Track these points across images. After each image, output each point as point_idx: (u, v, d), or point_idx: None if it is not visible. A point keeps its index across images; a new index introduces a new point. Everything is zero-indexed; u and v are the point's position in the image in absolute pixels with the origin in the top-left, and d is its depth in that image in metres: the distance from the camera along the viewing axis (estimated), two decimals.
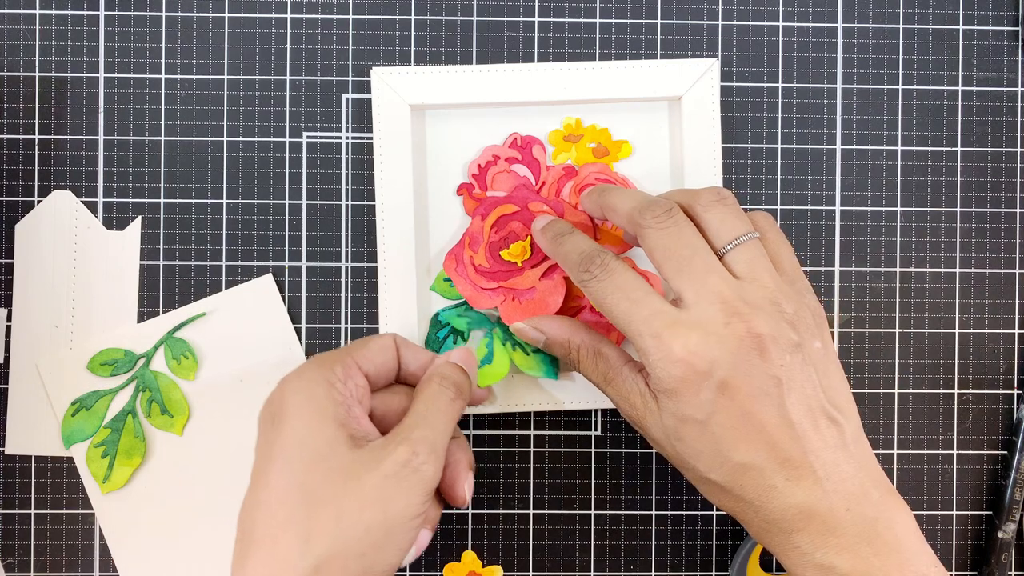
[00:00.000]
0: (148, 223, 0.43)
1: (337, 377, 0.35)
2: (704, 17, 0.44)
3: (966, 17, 0.45)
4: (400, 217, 0.42)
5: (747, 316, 0.33)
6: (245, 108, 0.44)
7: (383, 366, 0.37)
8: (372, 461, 0.33)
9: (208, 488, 0.43)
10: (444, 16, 0.44)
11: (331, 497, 0.32)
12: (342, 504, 0.32)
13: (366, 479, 0.32)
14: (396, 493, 0.32)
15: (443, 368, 0.37)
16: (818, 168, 0.44)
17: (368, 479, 0.32)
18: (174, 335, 0.43)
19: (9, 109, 0.43)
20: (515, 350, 0.42)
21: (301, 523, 0.32)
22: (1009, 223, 0.45)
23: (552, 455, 0.44)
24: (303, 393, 0.34)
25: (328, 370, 0.35)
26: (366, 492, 0.32)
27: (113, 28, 0.43)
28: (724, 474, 0.33)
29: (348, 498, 0.32)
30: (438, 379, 0.37)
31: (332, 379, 0.35)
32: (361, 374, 0.36)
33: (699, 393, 0.33)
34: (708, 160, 0.42)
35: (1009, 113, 0.45)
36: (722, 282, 0.34)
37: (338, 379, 0.35)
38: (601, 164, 0.43)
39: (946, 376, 0.44)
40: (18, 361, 0.43)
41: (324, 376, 0.34)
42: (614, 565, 0.44)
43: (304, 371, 0.35)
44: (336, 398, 0.34)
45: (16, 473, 0.43)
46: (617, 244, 0.42)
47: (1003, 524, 0.43)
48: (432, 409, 0.35)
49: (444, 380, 0.37)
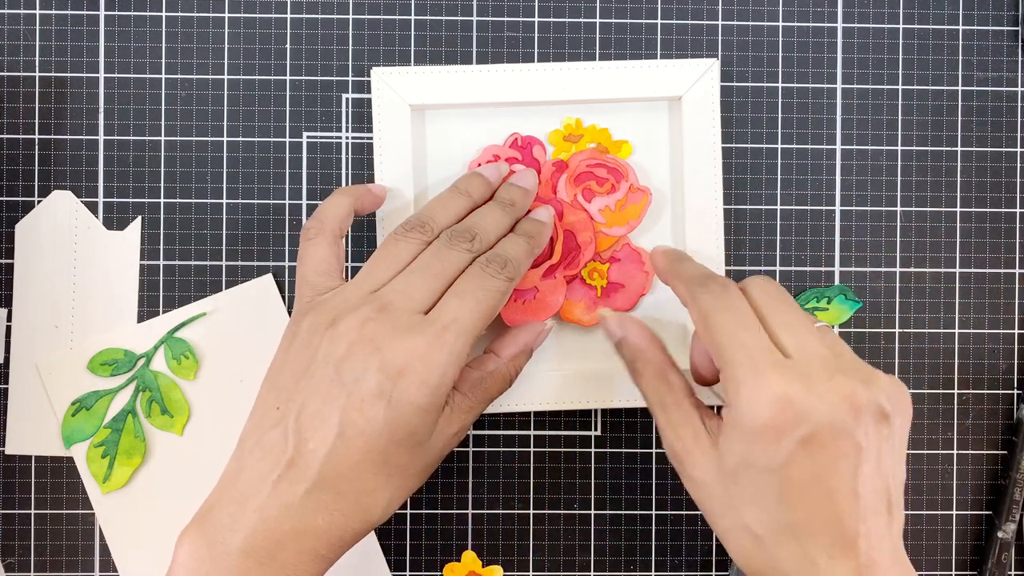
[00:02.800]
0: (148, 223, 0.44)
1: None
2: (704, 17, 0.44)
3: (966, 17, 0.45)
4: (400, 217, 0.42)
5: (849, 377, 0.32)
6: (245, 108, 0.44)
7: None
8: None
9: (208, 488, 0.43)
10: (444, 16, 0.44)
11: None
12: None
13: None
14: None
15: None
16: (818, 168, 0.44)
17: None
18: (174, 335, 0.43)
19: (9, 109, 0.43)
20: None
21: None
22: (1009, 223, 0.45)
23: (552, 455, 0.44)
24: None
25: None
26: None
27: (113, 28, 0.43)
28: (770, 531, 0.32)
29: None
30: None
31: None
32: None
33: (780, 440, 0.31)
34: (708, 160, 0.42)
35: (1009, 113, 0.45)
36: (820, 344, 0.33)
37: None
38: (589, 150, 0.43)
39: (946, 376, 0.44)
40: (18, 361, 0.43)
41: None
42: (614, 565, 0.44)
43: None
44: None
45: (16, 473, 0.43)
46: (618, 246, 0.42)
47: (1003, 524, 0.43)
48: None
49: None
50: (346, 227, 0.38)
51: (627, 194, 0.42)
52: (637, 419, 0.44)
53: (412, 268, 0.36)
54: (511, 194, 0.40)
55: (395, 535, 0.44)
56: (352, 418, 0.33)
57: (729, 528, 0.33)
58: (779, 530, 0.32)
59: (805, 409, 0.31)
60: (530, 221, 0.40)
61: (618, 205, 0.42)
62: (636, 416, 0.44)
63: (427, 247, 0.37)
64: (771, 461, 0.32)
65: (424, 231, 0.37)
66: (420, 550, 0.44)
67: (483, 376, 0.38)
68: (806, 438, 0.31)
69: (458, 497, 0.44)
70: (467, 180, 0.40)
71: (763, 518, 0.32)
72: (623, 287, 0.42)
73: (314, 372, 0.33)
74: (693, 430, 0.34)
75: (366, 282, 0.35)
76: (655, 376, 0.37)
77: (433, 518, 0.44)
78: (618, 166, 0.42)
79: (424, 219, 0.37)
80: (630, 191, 0.42)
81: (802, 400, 0.31)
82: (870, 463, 0.32)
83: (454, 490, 0.44)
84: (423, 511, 0.44)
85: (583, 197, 0.42)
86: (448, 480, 0.44)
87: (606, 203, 0.42)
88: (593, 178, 0.42)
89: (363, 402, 0.33)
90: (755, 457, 0.32)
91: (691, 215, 0.42)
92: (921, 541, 0.44)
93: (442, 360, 0.33)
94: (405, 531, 0.44)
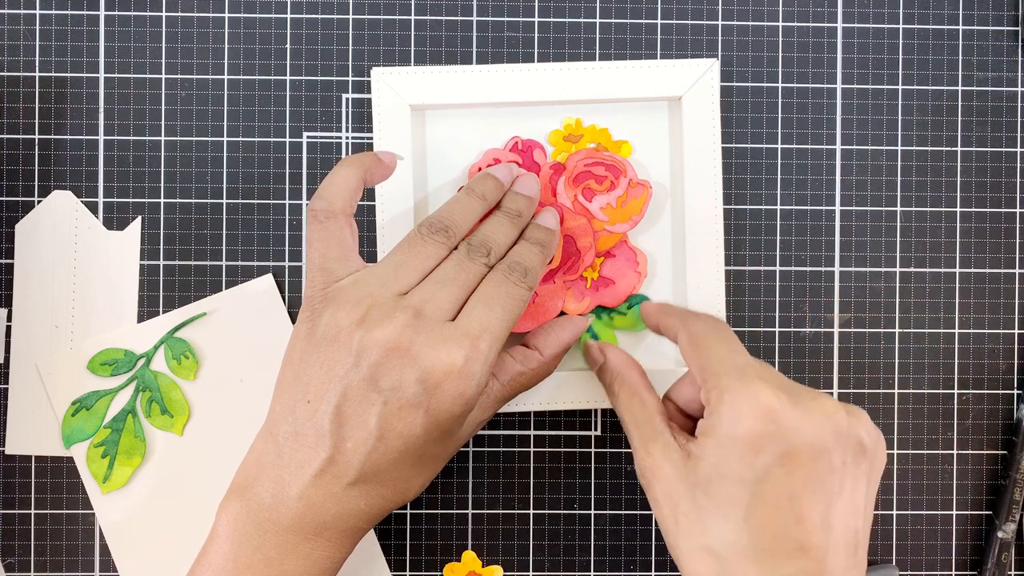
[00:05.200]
0: (148, 223, 0.44)
1: None
2: (704, 17, 0.44)
3: (966, 17, 0.45)
4: (400, 218, 0.42)
5: (837, 405, 0.32)
6: (245, 108, 0.44)
7: None
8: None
9: (208, 488, 0.43)
10: (444, 16, 0.44)
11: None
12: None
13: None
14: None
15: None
16: (818, 168, 0.44)
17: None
18: (174, 335, 0.43)
19: (9, 109, 0.43)
20: None
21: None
22: (1009, 223, 0.45)
23: (552, 455, 0.44)
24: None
25: None
26: None
27: (113, 28, 0.43)
28: (734, 552, 0.31)
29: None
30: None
31: None
32: None
33: (760, 454, 0.31)
34: (708, 160, 0.42)
35: (1009, 113, 0.45)
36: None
37: None
38: (586, 150, 0.43)
39: (946, 376, 0.44)
40: (18, 361, 0.43)
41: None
42: (614, 565, 0.44)
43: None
44: None
45: (16, 473, 0.43)
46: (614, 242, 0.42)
47: (1003, 524, 0.43)
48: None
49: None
50: (356, 202, 0.38)
51: (627, 189, 0.42)
52: None
53: (440, 279, 0.36)
54: (517, 204, 0.40)
55: (395, 535, 0.44)
56: (391, 423, 0.34)
57: (691, 550, 0.32)
58: (742, 552, 0.31)
59: (789, 423, 0.31)
60: (540, 229, 0.40)
61: (619, 201, 0.42)
62: None
63: (450, 254, 0.37)
64: (746, 473, 0.31)
65: (448, 236, 0.37)
66: (420, 550, 0.44)
67: (524, 371, 0.38)
68: (785, 455, 0.31)
69: (458, 497, 0.44)
70: (481, 183, 0.40)
71: (728, 537, 0.31)
72: (613, 284, 0.42)
73: (347, 372, 0.34)
74: (663, 444, 0.34)
75: (395, 281, 0.35)
76: (629, 395, 0.37)
77: (433, 518, 0.44)
78: (615, 162, 0.42)
79: (447, 223, 0.37)
80: (630, 186, 0.42)
81: (787, 414, 0.31)
82: (844, 497, 0.31)
83: (454, 490, 0.44)
84: (423, 511, 0.44)
85: (583, 197, 0.42)
86: (448, 480, 0.44)
87: (607, 200, 0.42)
88: (592, 177, 0.42)
89: (401, 409, 0.33)
90: (730, 467, 0.31)
91: (691, 215, 0.42)
92: (921, 541, 0.44)
93: (477, 371, 0.34)
94: (405, 531, 0.44)
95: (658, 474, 0.34)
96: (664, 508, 0.33)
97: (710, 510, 0.32)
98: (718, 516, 0.32)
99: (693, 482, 0.32)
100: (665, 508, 0.33)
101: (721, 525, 0.31)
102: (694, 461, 0.33)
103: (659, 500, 0.34)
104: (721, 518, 0.31)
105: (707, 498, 0.32)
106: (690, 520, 0.32)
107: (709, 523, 0.32)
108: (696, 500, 0.32)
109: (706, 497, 0.32)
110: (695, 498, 0.32)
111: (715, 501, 0.32)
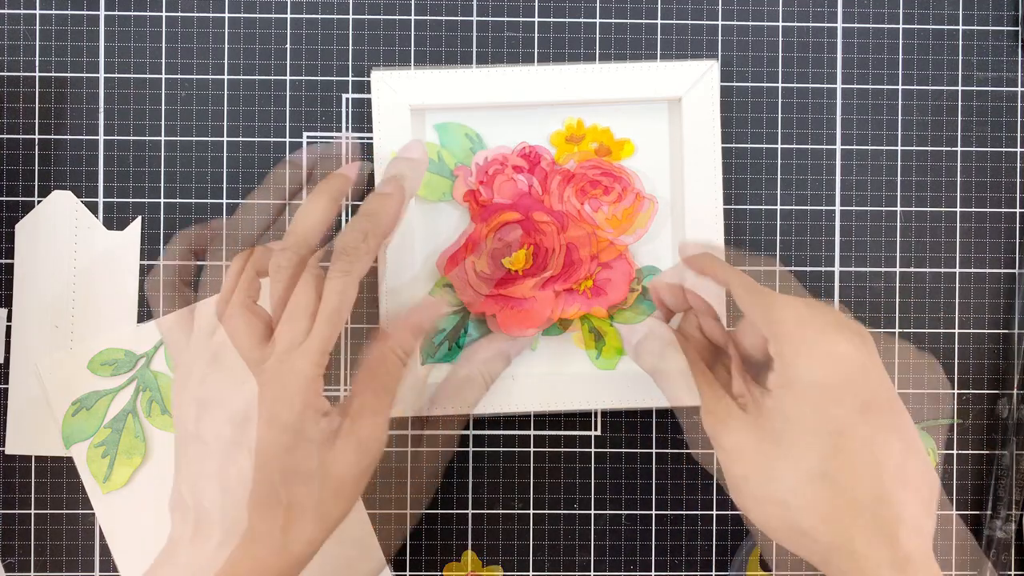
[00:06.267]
0: (148, 223, 0.44)
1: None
2: (704, 17, 0.44)
3: (966, 17, 0.45)
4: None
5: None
6: (245, 108, 0.44)
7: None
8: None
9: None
10: (444, 16, 0.44)
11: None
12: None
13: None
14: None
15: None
16: (818, 168, 0.44)
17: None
18: None
19: (9, 109, 0.43)
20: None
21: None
22: (1009, 223, 0.45)
23: (552, 455, 0.44)
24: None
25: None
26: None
27: (113, 28, 0.43)
28: (807, 501, 0.31)
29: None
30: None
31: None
32: None
33: (839, 405, 0.30)
34: (708, 160, 0.42)
35: (1009, 113, 0.45)
36: None
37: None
38: (595, 159, 0.43)
39: (946, 376, 0.44)
40: (18, 361, 0.43)
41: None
42: (614, 565, 0.44)
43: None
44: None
45: (16, 473, 0.43)
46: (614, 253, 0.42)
47: (1003, 524, 0.43)
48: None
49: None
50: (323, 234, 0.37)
51: (634, 203, 0.42)
52: (637, 419, 0.44)
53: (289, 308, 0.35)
54: (368, 205, 0.37)
55: (395, 535, 0.44)
56: (225, 471, 0.35)
57: (762, 500, 0.32)
58: (814, 503, 0.31)
59: (871, 374, 0.30)
60: (374, 197, 0.37)
61: (625, 214, 0.42)
62: (636, 416, 0.44)
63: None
64: (826, 424, 0.31)
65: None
66: (420, 550, 0.44)
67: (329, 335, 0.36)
68: (865, 404, 0.30)
69: (458, 497, 0.44)
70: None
71: (801, 488, 0.31)
72: (605, 294, 0.42)
73: (184, 437, 0.36)
74: (732, 396, 0.34)
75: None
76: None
77: (433, 518, 0.44)
78: (624, 174, 0.42)
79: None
80: (637, 199, 0.42)
81: (870, 363, 0.30)
82: (919, 455, 0.31)
83: (454, 490, 0.44)
84: (423, 511, 0.44)
85: (589, 206, 0.42)
86: (448, 480, 0.44)
87: (613, 212, 0.42)
88: (600, 187, 0.42)
89: (226, 456, 0.35)
90: (806, 419, 0.31)
91: (691, 215, 0.42)
92: None
93: (287, 392, 0.33)
94: (405, 531, 0.44)
95: (729, 425, 0.33)
96: (733, 460, 0.33)
97: (783, 461, 0.31)
98: (791, 467, 0.31)
99: (766, 435, 0.32)
100: (735, 460, 0.33)
101: (794, 476, 0.31)
102: (767, 414, 0.32)
103: (728, 452, 0.33)
104: (794, 469, 0.31)
105: (780, 450, 0.31)
106: (761, 471, 0.32)
107: (781, 474, 0.31)
108: (767, 452, 0.32)
109: (779, 449, 0.31)
110: (767, 451, 0.32)
111: (789, 452, 0.31)
